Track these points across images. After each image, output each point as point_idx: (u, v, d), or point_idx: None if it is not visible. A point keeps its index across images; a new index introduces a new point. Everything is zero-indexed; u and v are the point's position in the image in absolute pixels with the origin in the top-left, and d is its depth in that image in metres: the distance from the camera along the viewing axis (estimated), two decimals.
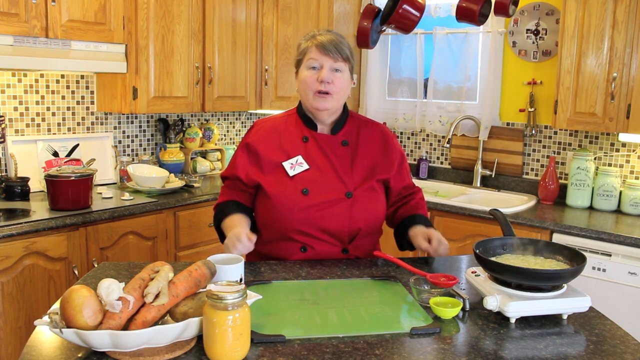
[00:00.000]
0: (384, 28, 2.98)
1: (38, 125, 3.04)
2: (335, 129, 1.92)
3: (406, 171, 2.00)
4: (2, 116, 2.78)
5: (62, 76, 3.13)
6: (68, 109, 3.17)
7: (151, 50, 3.07)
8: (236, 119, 4.12)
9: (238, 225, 1.82)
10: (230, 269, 1.46)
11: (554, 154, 3.35)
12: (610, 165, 3.16)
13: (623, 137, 3.00)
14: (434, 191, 3.54)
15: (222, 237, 1.95)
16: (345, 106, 1.96)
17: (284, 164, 1.85)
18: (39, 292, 2.44)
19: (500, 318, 1.45)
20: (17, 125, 2.96)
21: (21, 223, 2.37)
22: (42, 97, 3.05)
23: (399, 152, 1.98)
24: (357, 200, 1.84)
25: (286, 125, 1.94)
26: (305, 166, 1.85)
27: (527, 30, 3.37)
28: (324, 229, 1.83)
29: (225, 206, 1.94)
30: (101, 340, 1.14)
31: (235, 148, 3.97)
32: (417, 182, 2.91)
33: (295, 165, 1.85)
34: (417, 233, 1.89)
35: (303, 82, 1.86)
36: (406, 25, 2.79)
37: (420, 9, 2.75)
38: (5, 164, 2.89)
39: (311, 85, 1.84)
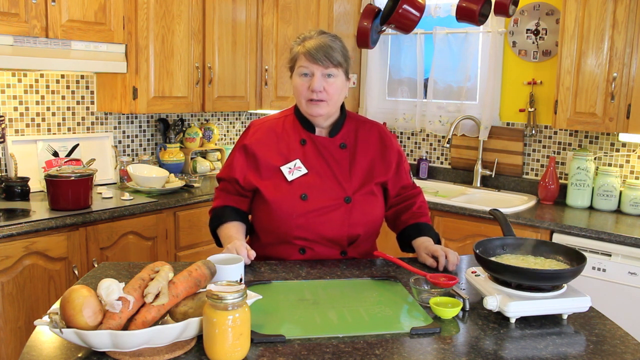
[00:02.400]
0: (384, 28, 2.98)
1: (38, 125, 3.05)
2: (333, 131, 1.90)
3: (404, 171, 1.97)
4: (2, 116, 2.78)
5: (62, 76, 3.13)
6: (68, 109, 3.17)
7: (151, 50, 3.07)
8: (236, 119, 4.12)
9: (236, 238, 1.81)
10: (230, 269, 1.46)
11: (554, 154, 3.35)
12: (610, 165, 3.16)
13: (623, 137, 3.01)
14: (434, 191, 3.54)
15: (218, 241, 1.95)
16: (343, 107, 1.93)
17: (282, 168, 1.83)
18: (39, 292, 2.44)
19: (500, 318, 1.45)
20: (17, 125, 2.97)
21: (21, 223, 2.37)
22: (42, 97, 3.05)
23: (397, 152, 1.95)
24: (356, 205, 1.83)
25: (284, 127, 1.91)
26: (304, 170, 1.83)
27: (527, 30, 3.37)
28: (323, 234, 1.82)
29: (221, 212, 1.92)
30: (101, 340, 1.14)
31: None
32: (417, 182, 2.91)
33: (294, 170, 1.83)
34: (421, 247, 1.88)
35: (295, 89, 1.84)
36: (406, 25, 2.79)
37: (420, 9, 2.75)
38: (5, 164, 2.89)
39: (303, 93, 1.81)
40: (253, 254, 1.72)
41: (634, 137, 2.92)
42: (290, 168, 1.83)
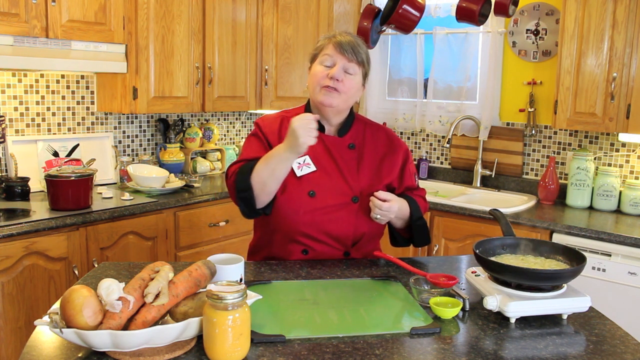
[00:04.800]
0: (384, 28, 2.98)
1: (38, 125, 3.04)
2: (342, 131, 1.91)
3: (409, 172, 1.96)
4: (2, 116, 2.78)
5: (62, 76, 3.13)
6: (68, 109, 3.17)
7: (151, 50, 3.07)
8: (236, 119, 4.12)
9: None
10: (230, 269, 1.46)
11: (554, 154, 3.35)
12: (610, 165, 3.16)
13: (623, 137, 3.01)
14: (434, 191, 3.54)
15: (248, 203, 1.79)
16: (351, 109, 1.94)
17: None
18: (39, 292, 2.45)
19: (500, 318, 1.45)
20: (17, 125, 2.97)
21: (21, 223, 2.37)
22: (42, 97, 3.05)
23: (404, 154, 1.96)
24: (363, 205, 1.83)
25: None
26: (313, 167, 1.84)
27: (527, 30, 3.37)
28: (329, 232, 1.82)
29: (249, 162, 1.80)
30: (101, 340, 1.14)
31: (236, 148, 3.97)
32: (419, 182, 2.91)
33: (303, 166, 1.83)
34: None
35: (313, 76, 1.84)
36: (406, 25, 2.79)
37: (420, 9, 2.75)
38: (6, 164, 2.89)
39: (320, 80, 1.82)
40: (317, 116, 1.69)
41: (633, 137, 2.92)
42: (299, 163, 1.83)
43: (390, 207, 1.77)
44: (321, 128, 1.89)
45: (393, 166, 1.91)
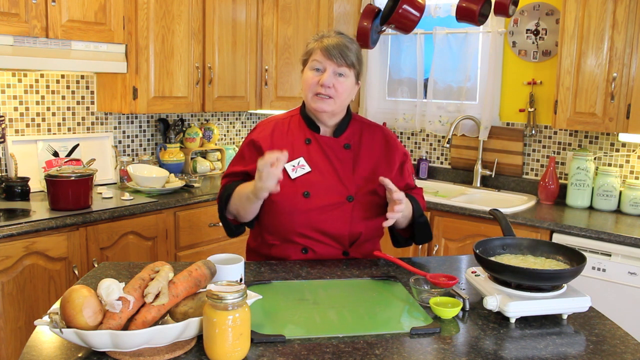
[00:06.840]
0: (384, 28, 2.98)
1: (38, 125, 3.05)
2: (337, 131, 1.91)
3: (407, 172, 1.97)
4: (2, 116, 2.79)
5: (62, 76, 3.13)
6: (68, 109, 3.17)
7: (151, 50, 3.07)
8: (236, 119, 4.12)
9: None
10: (230, 269, 1.46)
11: (554, 154, 3.35)
12: (610, 165, 3.16)
13: (623, 137, 3.00)
14: (434, 191, 3.54)
15: (227, 225, 1.92)
16: (348, 109, 1.94)
17: (285, 165, 1.82)
18: (39, 292, 2.45)
19: (500, 318, 1.45)
20: (17, 125, 2.97)
21: (21, 223, 2.37)
22: (42, 97, 3.05)
23: (402, 154, 1.96)
24: (358, 204, 1.83)
25: (289, 126, 1.93)
26: (307, 168, 1.84)
27: (527, 30, 3.37)
28: (325, 232, 1.83)
29: (229, 186, 1.89)
30: (101, 340, 1.14)
31: (236, 148, 3.98)
32: (417, 182, 2.91)
33: (297, 168, 1.84)
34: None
35: (305, 82, 1.86)
36: (406, 25, 2.79)
37: (420, 9, 2.75)
38: (6, 164, 2.89)
39: (312, 87, 1.83)
40: (285, 152, 1.66)
41: (633, 137, 2.92)
42: (293, 166, 1.84)
43: (401, 208, 1.76)
44: (316, 129, 1.91)
45: (390, 166, 1.92)
